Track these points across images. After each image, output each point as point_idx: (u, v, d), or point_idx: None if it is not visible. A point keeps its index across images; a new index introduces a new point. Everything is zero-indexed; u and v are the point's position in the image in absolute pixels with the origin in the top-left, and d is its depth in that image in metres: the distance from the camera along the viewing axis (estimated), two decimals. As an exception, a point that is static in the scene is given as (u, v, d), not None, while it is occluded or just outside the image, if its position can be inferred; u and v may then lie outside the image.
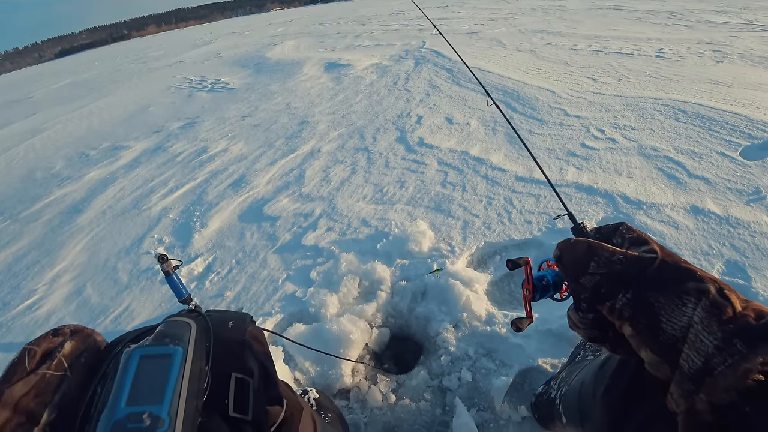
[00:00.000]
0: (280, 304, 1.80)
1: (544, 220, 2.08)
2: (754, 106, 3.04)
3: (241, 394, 0.62)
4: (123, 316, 1.90)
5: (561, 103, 3.48)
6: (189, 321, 0.63)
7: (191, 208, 2.69)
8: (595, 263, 0.54)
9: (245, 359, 0.66)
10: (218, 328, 0.68)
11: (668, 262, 0.52)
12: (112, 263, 2.31)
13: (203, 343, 0.62)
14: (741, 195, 2.09)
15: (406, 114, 3.66)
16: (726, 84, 3.62)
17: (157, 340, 0.56)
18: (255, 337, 0.73)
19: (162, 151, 3.77)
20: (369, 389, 1.42)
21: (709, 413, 0.42)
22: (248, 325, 0.73)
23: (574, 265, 0.56)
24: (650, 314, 0.49)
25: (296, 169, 2.96)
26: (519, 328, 0.67)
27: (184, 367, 0.54)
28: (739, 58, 4.63)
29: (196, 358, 0.57)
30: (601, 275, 0.53)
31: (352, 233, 2.16)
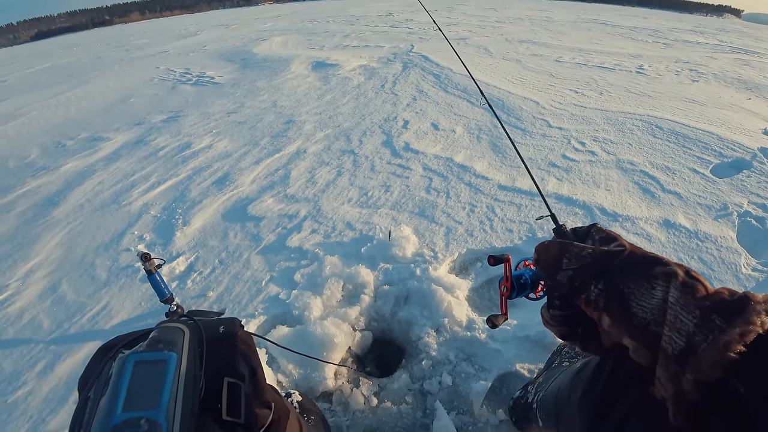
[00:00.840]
0: (264, 306, 1.80)
1: (525, 228, 2.14)
2: (726, 125, 3.19)
3: (234, 397, 0.63)
4: (101, 315, 1.87)
5: (544, 114, 3.57)
6: (182, 327, 0.64)
7: (173, 205, 2.65)
8: (567, 259, 0.58)
9: (236, 364, 0.68)
10: (210, 334, 0.69)
11: (636, 253, 0.55)
12: (89, 259, 2.26)
13: (196, 349, 0.63)
14: (710, 210, 2.20)
15: (393, 118, 3.70)
16: (700, 103, 3.78)
17: (152, 346, 0.57)
18: (245, 342, 0.75)
19: (144, 145, 3.69)
20: (351, 392, 1.45)
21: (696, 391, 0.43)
22: (238, 329, 0.74)
23: (549, 263, 0.60)
24: (621, 300, 0.51)
25: (281, 169, 2.96)
26: (494, 324, 0.70)
27: (178, 372, 0.55)
28: (713, 78, 4.84)
29: (190, 364, 0.58)
30: (573, 270, 0.57)
31: (337, 236, 2.17)
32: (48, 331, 1.79)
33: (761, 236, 2.04)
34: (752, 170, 2.54)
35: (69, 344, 1.71)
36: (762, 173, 2.50)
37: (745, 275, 1.81)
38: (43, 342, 1.74)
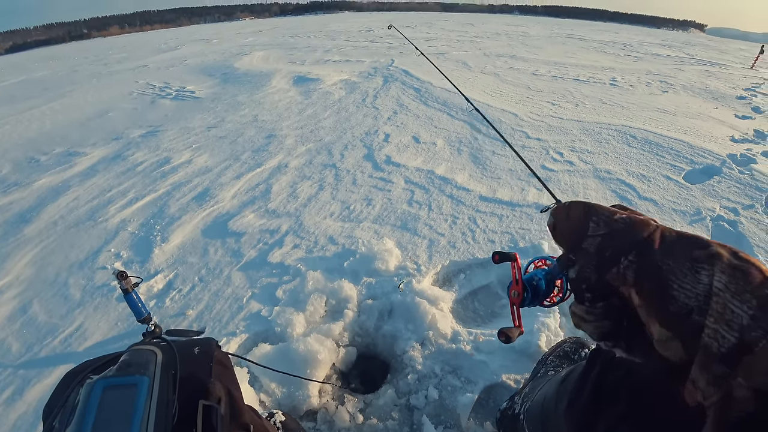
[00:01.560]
0: (245, 324, 1.76)
1: (507, 239, 2.17)
2: (695, 133, 3.32)
3: (209, 421, 0.61)
4: (74, 337, 1.80)
5: (523, 126, 3.65)
6: (154, 349, 0.62)
7: (152, 221, 2.60)
8: (594, 223, 0.48)
9: (212, 386, 0.66)
10: (184, 355, 0.67)
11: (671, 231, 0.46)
12: (63, 278, 2.18)
13: (169, 371, 0.61)
14: (685, 216, 2.28)
15: (374, 131, 3.73)
16: (671, 113, 3.93)
17: (122, 370, 0.56)
18: (221, 363, 0.73)
19: (121, 160, 3.62)
20: (336, 410, 1.42)
21: (754, 401, 0.35)
22: (214, 350, 0.73)
23: (573, 229, 0.50)
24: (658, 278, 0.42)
25: (263, 184, 2.93)
26: (508, 338, 0.60)
27: (150, 396, 0.54)
28: (681, 89, 5.04)
29: (163, 387, 0.57)
30: (602, 236, 0.47)
31: (319, 251, 2.16)
32: (17, 355, 1.72)
33: (734, 239, 2.12)
34: (722, 176, 2.64)
35: (39, 368, 1.64)
36: (731, 178, 2.59)
37: None
38: (11, 366, 1.67)
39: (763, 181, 2.54)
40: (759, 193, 2.43)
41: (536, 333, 1.56)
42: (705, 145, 3.07)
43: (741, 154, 2.91)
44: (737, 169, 2.69)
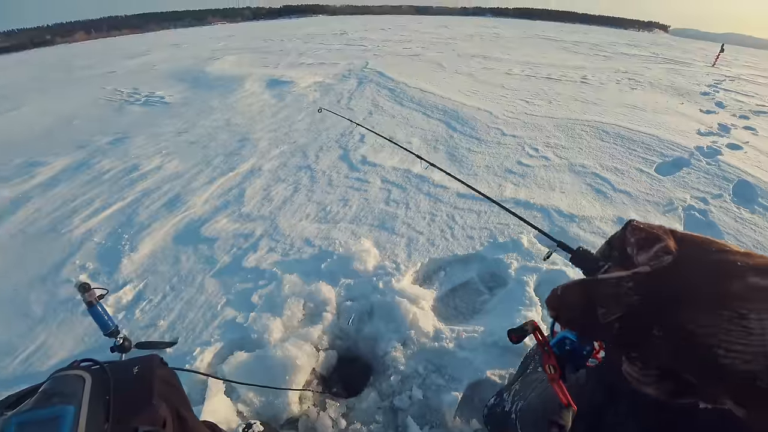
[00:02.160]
0: (220, 332, 1.69)
1: (486, 234, 2.16)
2: (664, 128, 3.42)
3: None
4: (36, 356, 1.69)
5: (498, 123, 3.68)
6: (81, 373, 0.55)
7: (119, 231, 2.48)
8: (603, 308, 0.40)
9: (155, 408, 0.60)
10: (120, 378, 0.60)
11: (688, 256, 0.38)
12: (23, 294, 2.05)
13: (101, 397, 0.55)
14: (658, 206, 2.32)
15: (349, 132, 3.69)
16: (640, 108, 4.04)
17: (41, 402, 0.49)
18: (166, 381, 0.67)
19: (87, 168, 3.46)
20: (318, 416, 1.37)
21: None
22: (156, 368, 0.66)
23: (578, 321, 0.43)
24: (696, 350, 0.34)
25: (236, 188, 2.86)
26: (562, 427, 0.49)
27: (76, 428, 0.47)
28: (649, 86, 5.20)
29: (93, 416, 0.50)
30: (618, 321, 0.39)
31: (295, 253, 2.11)
32: (-29, 379, 1.60)
33: (705, 227, 2.18)
34: (691, 167, 2.72)
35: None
36: (700, 169, 2.68)
37: None
38: (-36, 391, 1.55)
39: (730, 172, 2.62)
40: (726, 183, 2.51)
41: (518, 327, 1.55)
42: (674, 138, 3.16)
43: (707, 146, 3.01)
44: (705, 161, 2.78)
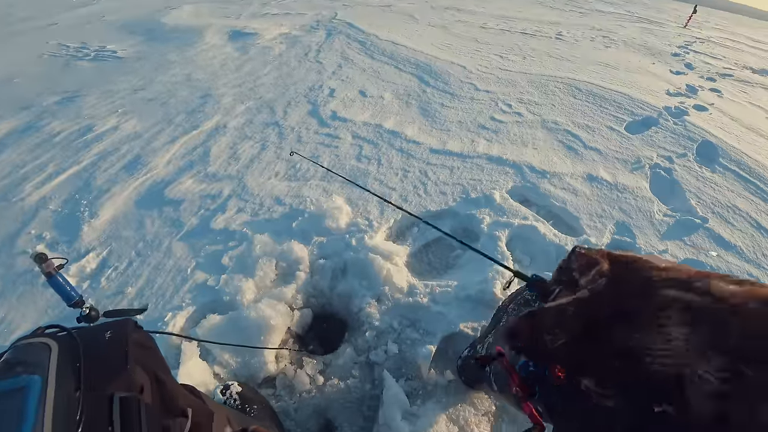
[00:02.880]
0: (191, 296, 1.66)
1: (458, 190, 2.15)
2: (635, 86, 3.44)
3: (130, 415, 0.52)
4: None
5: (471, 78, 3.60)
6: (47, 341, 0.51)
7: (77, 197, 2.34)
8: (550, 335, 0.44)
9: (131, 373, 0.56)
10: (91, 343, 0.56)
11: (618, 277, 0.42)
12: (-25, 268, 1.94)
13: (71, 365, 0.51)
14: (626, 164, 2.37)
15: (318, 87, 3.53)
16: (613, 66, 4.03)
17: (3, 373, 0.45)
18: (141, 345, 0.63)
19: (35, 131, 3.20)
20: (295, 374, 1.39)
21: None
22: (130, 331, 0.62)
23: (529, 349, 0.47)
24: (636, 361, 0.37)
25: (200, 147, 2.72)
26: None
27: (44, 398, 0.43)
28: (623, 45, 5.18)
29: (61, 385, 0.47)
30: (565, 345, 0.42)
31: (265, 213, 2.05)
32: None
33: (669, 185, 2.24)
34: (659, 127, 2.77)
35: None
36: (667, 129, 2.73)
37: (658, 221, 1.97)
38: None
39: (695, 132, 2.69)
40: (691, 143, 2.57)
41: (490, 281, 1.58)
42: (644, 98, 3.19)
43: (675, 107, 3.05)
44: (672, 121, 2.83)
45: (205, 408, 0.79)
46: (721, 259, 1.78)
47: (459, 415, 1.28)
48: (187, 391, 0.79)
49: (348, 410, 1.33)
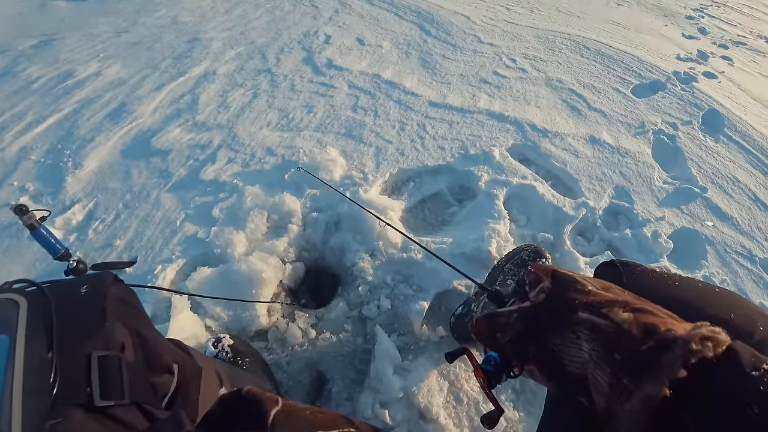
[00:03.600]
0: (181, 248, 1.62)
1: (457, 145, 2.08)
2: (645, 48, 3.27)
3: (110, 375, 0.48)
4: None
5: (475, 30, 3.41)
6: (14, 297, 0.46)
7: (59, 146, 2.24)
8: (500, 333, 0.56)
9: (109, 331, 0.52)
10: (64, 299, 0.51)
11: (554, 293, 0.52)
12: (-43, 221, 1.87)
13: (41, 323, 0.46)
14: (630, 128, 2.29)
15: (313, 32, 3.33)
16: (624, 26, 3.82)
17: None
18: (121, 299, 0.58)
19: (11, 77, 3.03)
20: (287, 327, 1.37)
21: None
22: (109, 286, 0.57)
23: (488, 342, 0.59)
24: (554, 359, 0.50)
25: (188, 95, 2.58)
26: (491, 421, 0.61)
27: (12, 360, 0.40)
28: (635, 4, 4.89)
29: (32, 345, 0.43)
30: (509, 340, 0.55)
31: (257, 164, 1.98)
32: None
33: (671, 152, 2.17)
34: (666, 92, 2.65)
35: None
36: (674, 95, 2.61)
37: (657, 187, 1.93)
38: None
39: (702, 100, 2.58)
40: (697, 110, 2.47)
41: (486, 239, 1.55)
42: (653, 60, 3.04)
43: (684, 72, 2.91)
44: (680, 87, 2.71)
45: (193, 363, 0.76)
46: (717, 230, 1.76)
47: (450, 371, 1.29)
48: (173, 346, 0.76)
49: (340, 363, 1.33)
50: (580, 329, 0.46)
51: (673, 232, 1.74)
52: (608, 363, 0.42)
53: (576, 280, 0.52)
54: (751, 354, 0.38)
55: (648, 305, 0.45)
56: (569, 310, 0.48)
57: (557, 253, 1.60)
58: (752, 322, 0.48)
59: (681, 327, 0.40)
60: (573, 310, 0.48)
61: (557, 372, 0.50)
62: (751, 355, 0.38)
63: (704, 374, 0.37)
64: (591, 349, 0.44)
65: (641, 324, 0.41)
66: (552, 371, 0.51)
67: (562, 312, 0.49)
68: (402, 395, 1.21)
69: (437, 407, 1.19)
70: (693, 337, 0.38)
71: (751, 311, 0.52)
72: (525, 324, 0.54)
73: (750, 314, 0.51)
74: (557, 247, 1.62)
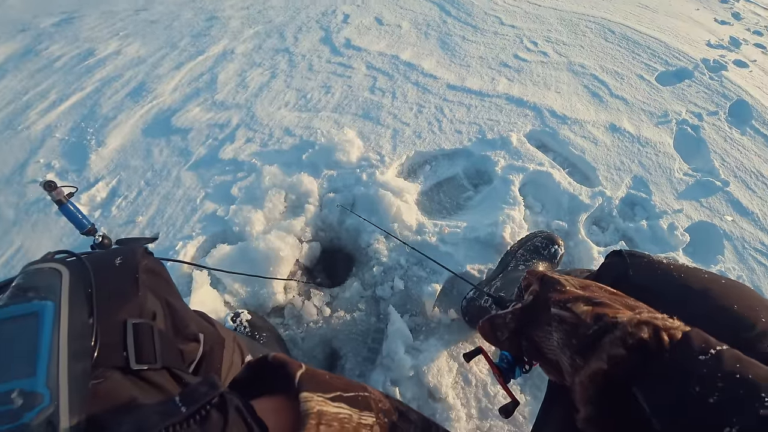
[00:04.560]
0: (201, 225, 1.66)
1: (475, 129, 2.06)
2: (673, 34, 3.14)
3: (144, 341, 0.52)
4: (15, 259, 1.65)
5: (497, 11, 3.31)
6: (57, 267, 0.48)
7: (83, 124, 2.29)
8: (500, 332, 0.63)
9: (142, 300, 0.56)
10: (101, 269, 0.54)
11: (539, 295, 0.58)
12: (-12, 197, 1.94)
13: (82, 291, 0.49)
14: (652, 117, 2.22)
15: (332, 12, 3.29)
16: (652, 9, 3.66)
17: (16, 297, 0.43)
18: (151, 271, 0.61)
19: (34, 56, 3.08)
20: (303, 304, 1.41)
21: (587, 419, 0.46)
22: (140, 258, 0.59)
23: (492, 341, 0.65)
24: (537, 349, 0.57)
25: (207, 74, 2.60)
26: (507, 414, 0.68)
27: (58, 324, 0.42)
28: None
29: (75, 311, 0.45)
30: (508, 338, 0.62)
31: (275, 144, 2.00)
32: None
33: (694, 143, 2.11)
34: (693, 80, 2.55)
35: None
36: (701, 84, 2.51)
37: (677, 179, 1.89)
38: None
39: (731, 89, 2.47)
40: (725, 101, 2.38)
41: (500, 225, 1.55)
42: (681, 47, 2.91)
43: (714, 60, 2.78)
44: (708, 75, 2.59)
45: (217, 334, 0.80)
46: (736, 225, 1.72)
47: (459, 352, 1.31)
48: (199, 317, 0.80)
49: (353, 341, 1.36)
50: (553, 322, 0.52)
51: (690, 225, 1.71)
52: (568, 347, 0.49)
53: (559, 281, 0.58)
54: (703, 339, 0.42)
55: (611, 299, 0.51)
56: (546, 307, 0.55)
57: (571, 242, 1.59)
58: (756, 314, 0.51)
59: (626, 314, 0.46)
60: (548, 307, 0.54)
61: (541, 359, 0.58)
62: (702, 341, 0.42)
63: (658, 356, 0.42)
64: (558, 338, 0.51)
65: (594, 313, 0.47)
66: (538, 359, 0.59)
67: (541, 309, 0.57)
68: (412, 374, 1.24)
69: (446, 387, 1.22)
70: (631, 320, 0.44)
71: (757, 303, 0.54)
72: (517, 323, 0.61)
73: (755, 306, 0.53)
74: (571, 235, 1.61)
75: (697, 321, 0.45)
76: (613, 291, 0.56)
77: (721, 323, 0.51)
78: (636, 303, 0.52)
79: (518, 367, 0.68)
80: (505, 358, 0.68)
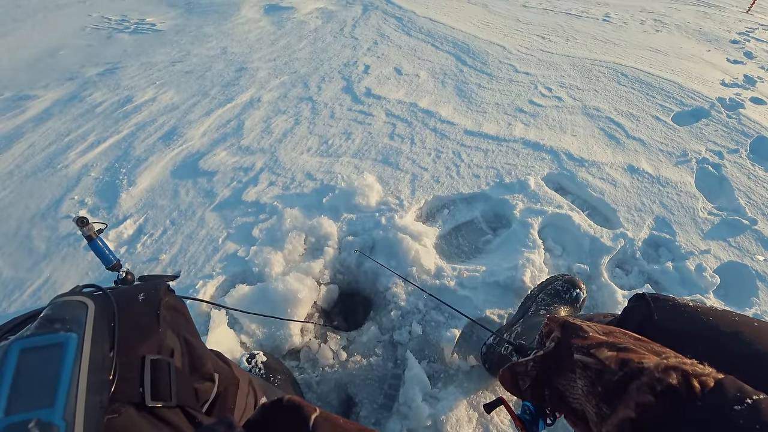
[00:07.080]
0: (222, 265, 1.69)
1: (492, 174, 2.09)
2: (686, 75, 3.20)
3: (160, 377, 0.53)
4: (44, 289, 1.70)
5: (511, 59, 3.45)
6: (84, 300, 0.51)
7: (116, 165, 2.42)
8: (522, 381, 0.62)
9: (162, 336, 0.57)
10: (124, 304, 0.56)
11: (561, 342, 0.58)
12: (25, 231, 2.03)
13: (105, 325, 0.51)
14: (671, 157, 2.22)
15: (353, 63, 3.48)
16: (663, 53, 3.76)
17: (43, 327, 0.45)
18: (172, 308, 0.62)
19: (78, 101, 3.32)
20: (319, 348, 1.39)
21: None
22: (163, 295, 0.61)
23: (513, 390, 0.64)
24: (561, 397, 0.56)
25: (234, 120, 2.74)
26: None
27: (80, 356, 0.43)
28: (675, 29, 4.81)
29: (97, 344, 0.47)
30: (530, 387, 0.61)
31: (296, 187, 2.06)
32: (-18, 313, 1.62)
33: (716, 182, 2.10)
34: (710, 119, 2.57)
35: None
36: (719, 122, 2.53)
37: (701, 218, 1.86)
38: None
39: (750, 127, 2.48)
40: (744, 138, 2.38)
41: (520, 268, 1.53)
42: (695, 87, 2.96)
43: (730, 98, 2.81)
44: (725, 113, 2.62)
45: (232, 374, 0.80)
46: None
47: (479, 401, 1.26)
48: (215, 357, 0.80)
49: (369, 387, 1.33)
50: (576, 369, 0.51)
51: (719, 266, 1.65)
52: (594, 395, 0.47)
53: (581, 327, 0.57)
54: (738, 388, 0.39)
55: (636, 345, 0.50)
56: (569, 354, 0.54)
57: (594, 285, 1.56)
58: None
59: (652, 359, 0.44)
60: (571, 353, 0.53)
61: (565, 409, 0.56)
62: (737, 389, 0.39)
63: (689, 404, 0.40)
64: (583, 385, 0.50)
65: (619, 359, 0.46)
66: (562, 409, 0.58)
67: (564, 357, 0.56)
68: (430, 423, 1.20)
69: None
70: (658, 365, 0.43)
71: None
72: (539, 371, 0.60)
73: None
74: (594, 278, 1.58)
75: (729, 367, 0.43)
76: (638, 336, 0.54)
77: (755, 370, 0.48)
78: (662, 349, 0.50)
79: (541, 419, 0.65)
80: (528, 409, 0.66)
